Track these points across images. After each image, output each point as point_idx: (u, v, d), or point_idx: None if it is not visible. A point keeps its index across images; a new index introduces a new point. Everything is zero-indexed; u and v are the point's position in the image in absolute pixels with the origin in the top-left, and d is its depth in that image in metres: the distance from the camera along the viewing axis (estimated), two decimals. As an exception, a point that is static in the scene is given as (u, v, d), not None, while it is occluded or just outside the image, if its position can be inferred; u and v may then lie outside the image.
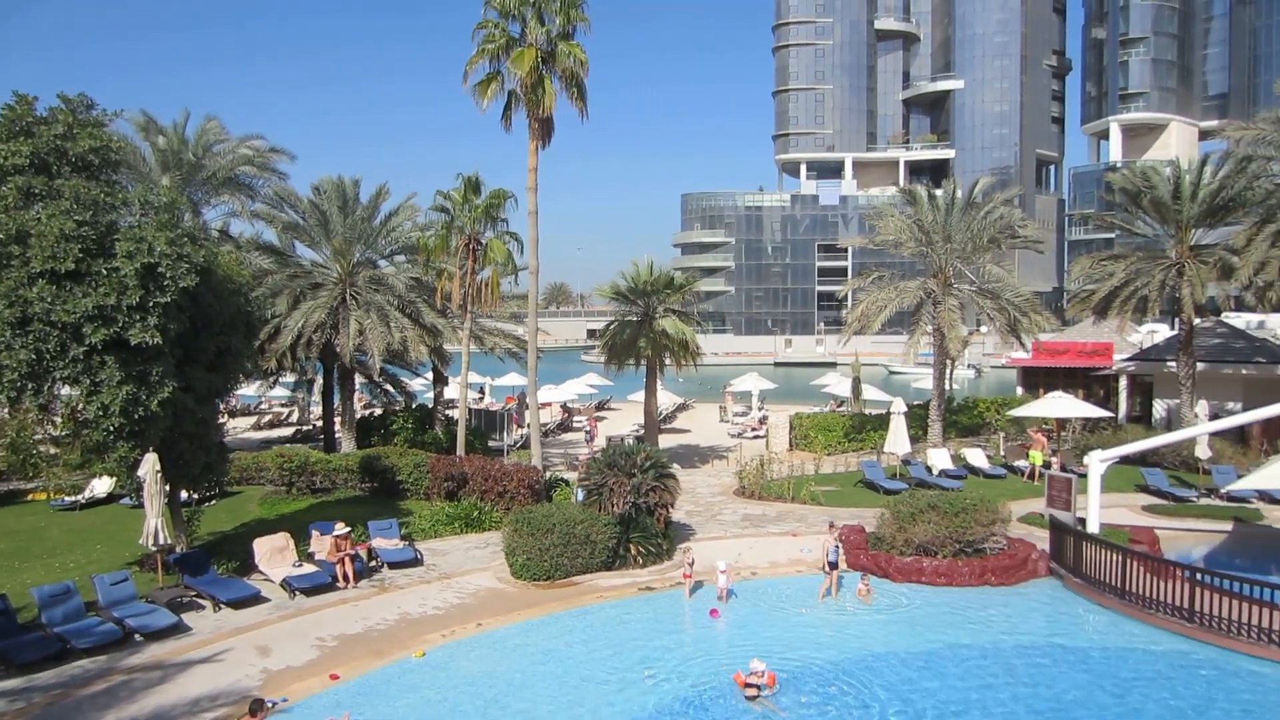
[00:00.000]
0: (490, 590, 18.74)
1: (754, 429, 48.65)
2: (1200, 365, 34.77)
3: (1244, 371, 36.19)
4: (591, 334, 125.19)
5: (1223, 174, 32.92)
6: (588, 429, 48.09)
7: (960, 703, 13.54)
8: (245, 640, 15.64)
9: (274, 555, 19.14)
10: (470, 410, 41.37)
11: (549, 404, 52.25)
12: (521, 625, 16.83)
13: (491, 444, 38.27)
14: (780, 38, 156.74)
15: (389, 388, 38.78)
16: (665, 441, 42.03)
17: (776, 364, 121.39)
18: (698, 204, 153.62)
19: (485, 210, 28.49)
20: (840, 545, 18.85)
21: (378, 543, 20.60)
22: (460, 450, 29.85)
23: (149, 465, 17.18)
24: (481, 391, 60.82)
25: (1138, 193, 34.56)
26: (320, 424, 41.70)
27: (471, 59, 26.65)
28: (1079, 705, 13.55)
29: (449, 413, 40.76)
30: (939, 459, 31.76)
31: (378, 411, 39.92)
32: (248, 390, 48.48)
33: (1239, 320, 42.37)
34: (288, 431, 47.96)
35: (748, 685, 13.42)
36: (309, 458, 28.40)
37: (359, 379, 36.48)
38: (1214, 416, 32.02)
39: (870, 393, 50.53)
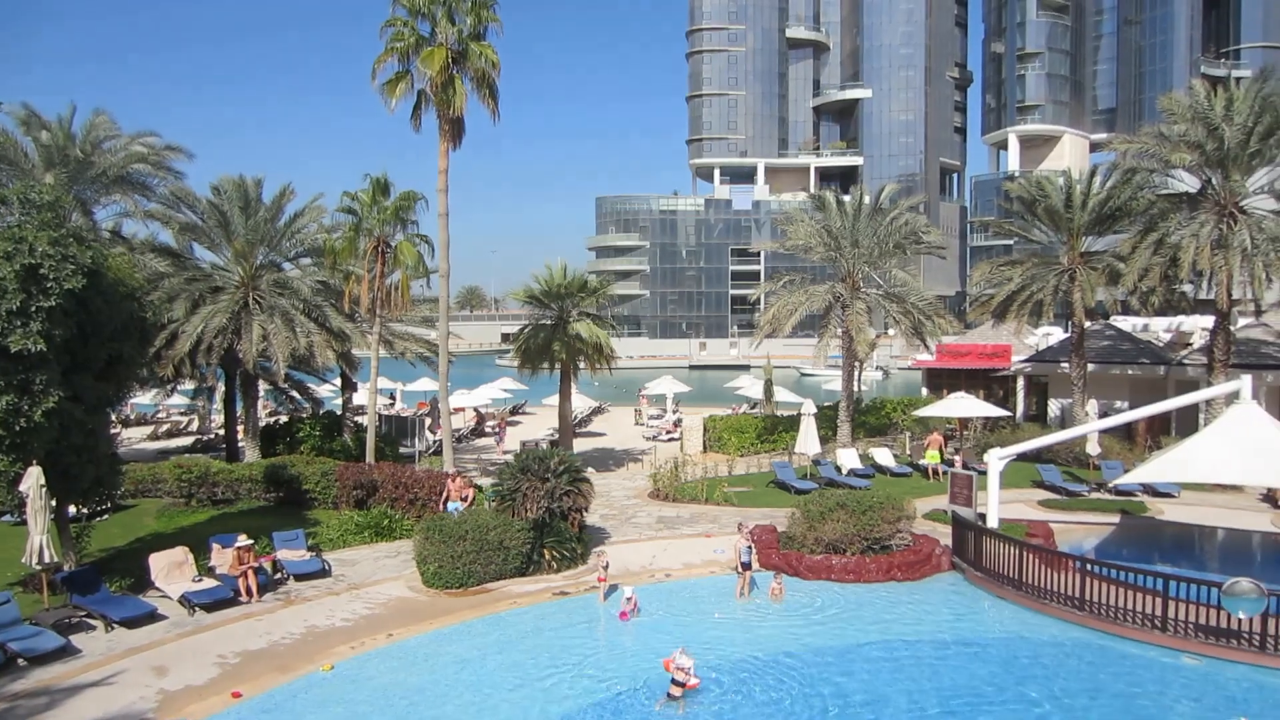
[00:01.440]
0: (401, 600, 18.37)
1: (669, 432, 48.94)
2: (1090, 366, 36.40)
3: (1130, 372, 38.07)
4: (506, 338, 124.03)
5: (1110, 184, 34.55)
6: (496, 430, 47.70)
7: (868, 695, 13.85)
8: (141, 660, 14.95)
9: (171, 570, 18.35)
10: (381, 416, 40.56)
11: (462, 409, 51.55)
12: (434, 634, 16.53)
13: (403, 450, 37.56)
14: (694, 43, 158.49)
15: (295, 394, 37.71)
16: (580, 445, 41.95)
17: (691, 367, 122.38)
18: (612, 207, 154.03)
19: (395, 212, 27.99)
20: (752, 545, 19.09)
21: (283, 554, 19.98)
22: (370, 457, 29.22)
23: (32, 480, 16.26)
24: (392, 397, 59.66)
25: (1033, 201, 36.02)
26: (222, 433, 40.27)
27: (380, 57, 26.17)
28: (980, 694, 14.02)
29: (358, 419, 39.83)
30: (848, 459, 32.50)
31: (283, 419, 38.74)
32: (143, 399, 46.61)
33: (1125, 323, 44.56)
34: (187, 441, 46.20)
35: (674, 683, 13.45)
36: (210, 468, 27.38)
37: (263, 386, 35.32)
38: (1103, 414, 33.62)
39: (782, 394, 51.45)
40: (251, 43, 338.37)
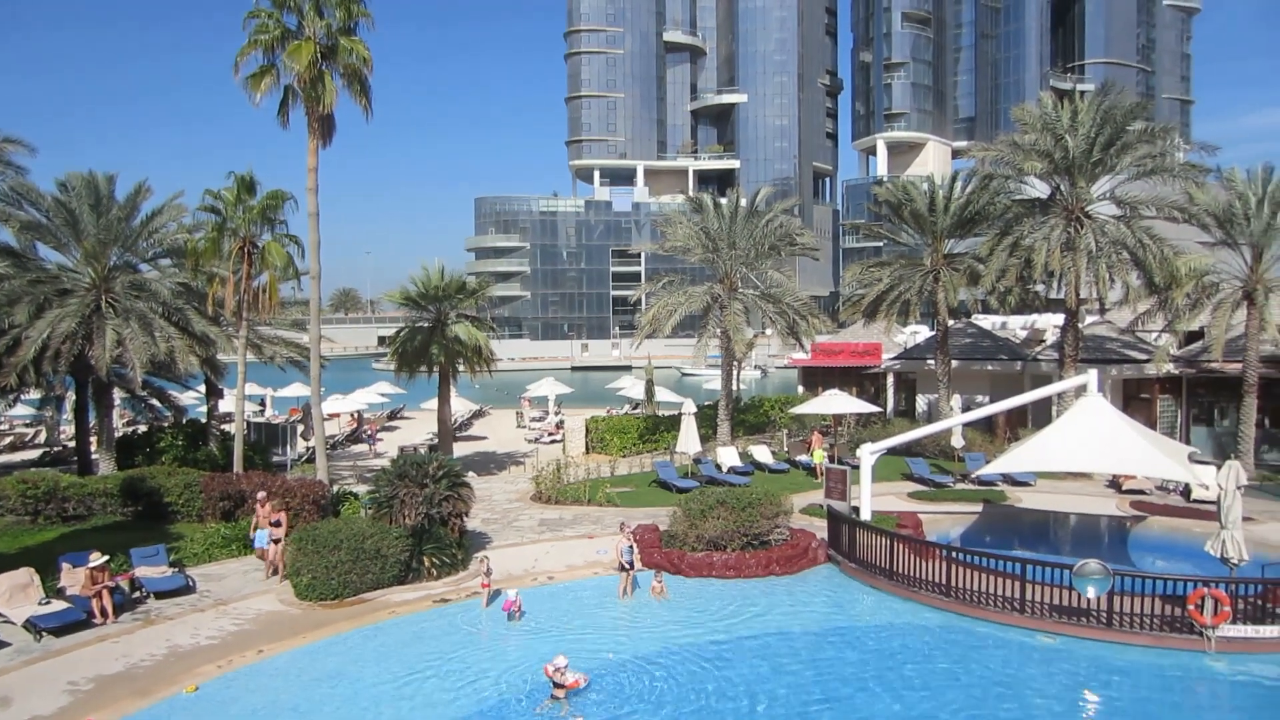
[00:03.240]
0: (272, 614, 17.63)
1: (551, 434, 48.72)
2: (954, 363, 38.22)
3: (990, 367, 40.18)
4: (382, 341, 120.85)
5: (969, 190, 36.33)
6: (368, 434, 46.76)
7: (750, 687, 14.14)
8: (-21, 692, 13.85)
9: (15, 593, 17.05)
10: (249, 424, 38.85)
11: (337, 414, 49.98)
12: (308, 649, 15.93)
13: (274, 459, 36.08)
14: (572, 44, 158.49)
15: (155, 402, 35.65)
16: (461, 449, 41.27)
17: (573, 368, 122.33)
18: (491, 208, 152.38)
19: (261, 212, 26.81)
20: (634, 545, 19.20)
21: (142, 571, 18.87)
22: (237, 467, 27.93)
23: None
24: (263, 404, 57.27)
25: (900, 205, 37.54)
26: (73, 444, 37.70)
27: (243, 49, 24.95)
28: (856, 679, 14.53)
29: (225, 427, 38.05)
30: (728, 457, 33.09)
31: (142, 429, 36.61)
32: (-17, 410, 43.16)
33: (986, 322, 46.93)
34: (35, 454, 43.03)
35: (555, 685, 13.36)
36: (59, 482, 25.54)
37: (118, 394, 33.23)
38: (966, 409, 35.33)
39: (663, 394, 52.02)
40: (107, 32, 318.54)
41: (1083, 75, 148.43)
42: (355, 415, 51.96)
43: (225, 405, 41.24)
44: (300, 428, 40.84)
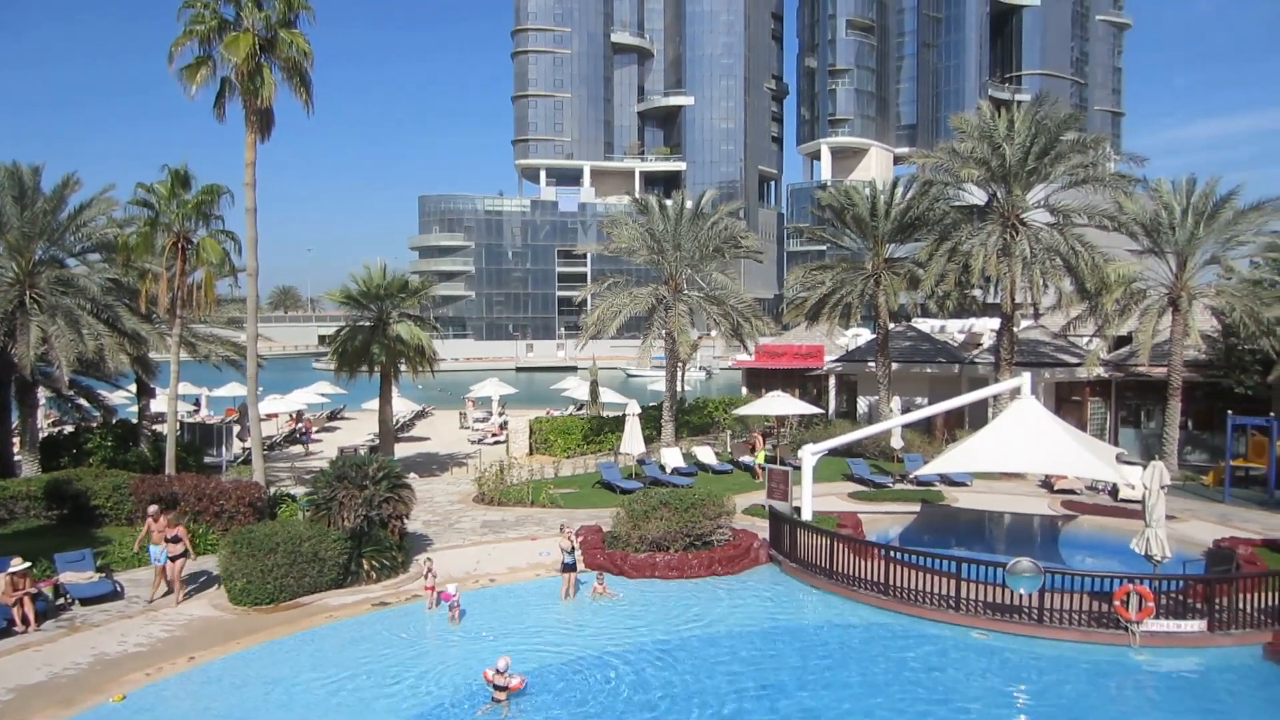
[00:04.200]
0: (205, 619, 17.20)
1: (494, 435, 48.38)
2: (894, 365, 38.87)
3: (929, 370, 40.96)
4: (323, 340, 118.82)
5: (910, 195, 36.97)
6: (303, 433, 46.20)
7: (692, 687, 14.20)
8: (-111, 704, 13.27)
9: (-70, 600, 16.38)
10: (184, 424, 37.91)
11: (275, 415, 49.00)
12: (242, 654, 15.57)
13: (208, 460, 35.22)
14: (519, 43, 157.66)
15: (82, 402, 34.49)
16: (402, 450, 40.78)
17: (518, 369, 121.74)
18: (436, 206, 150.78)
19: (196, 206, 26.12)
20: (575, 546, 19.15)
21: (67, 577, 18.25)
22: (170, 468, 27.17)
23: None
24: (197, 404, 55.88)
25: (842, 209, 38.05)
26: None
27: (178, 40, 24.29)
28: (796, 678, 14.69)
29: (157, 428, 37.01)
30: (671, 457, 33.19)
31: (69, 429, 35.43)
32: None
33: (925, 325, 47.87)
34: (-47, 455, 41.35)
35: (496, 688, 13.25)
36: (-22, 484, 24.63)
37: (43, 393, 32.09)
38: (906, 410, 35.95)
39: (608, 395, 52.01)
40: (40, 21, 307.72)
41: (1020, 86, 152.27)
42: (294, 415, 50.99)
43: (158, 405, 40.08)
44: (237, 428, 39.96)
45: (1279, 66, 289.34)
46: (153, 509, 19.19)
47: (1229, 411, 29.64)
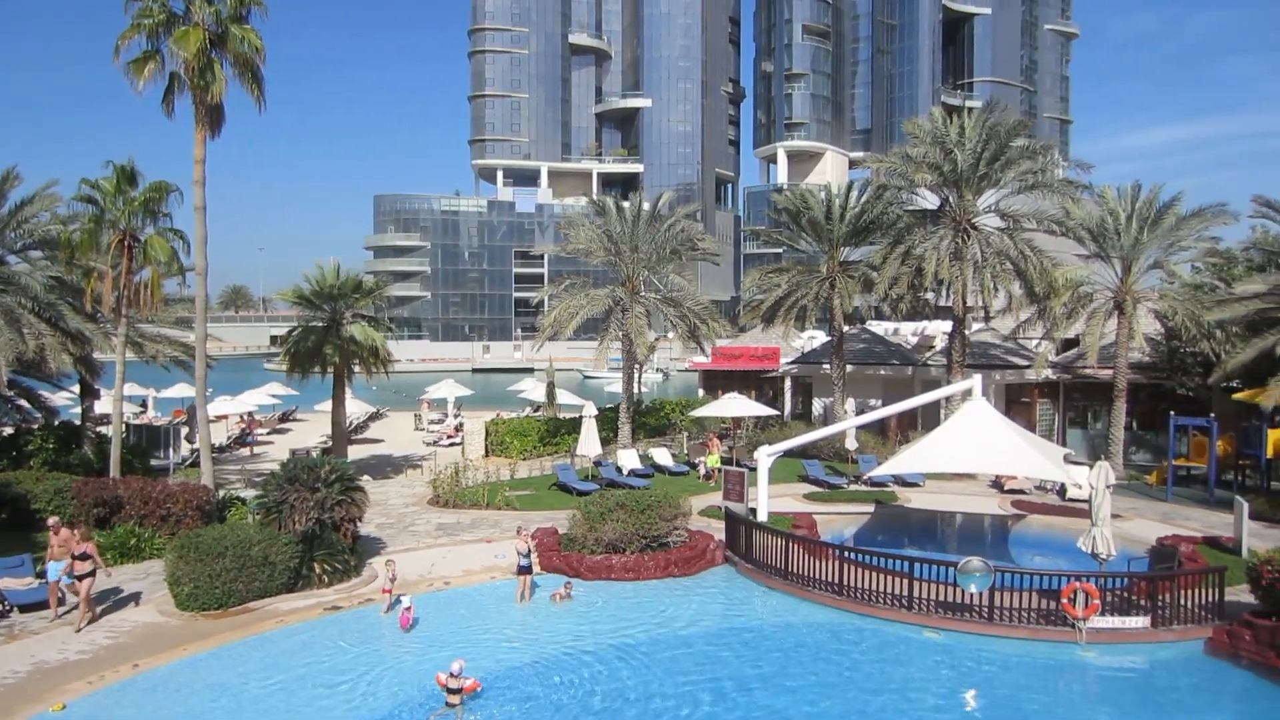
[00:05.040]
0: (150, 626, 16.80)
1: (450, 436, 47.97)
2: (849, 367, 39.28)
3: (882, 372, 41.46)
4: (275, 340, 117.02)
5: (864, 199, 37.41)
6: (248, 433, 45.69)
7: (646, 690, 14.20)
8: None
9: None
10: (130, 426, 37.04)
11: (225, 416, 48.10)
12: (188, 661, 15.23)
13: (155, 463, 34.44)
14: (476, 43, 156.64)
15: (23, 403, 33.44)
16: (356, 452, 40.26)
17: (474, 370, 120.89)
18: (391, 206, 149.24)
19: (144, 204, 25.54)
20: (531, 549, 19.05)
21: (5, 583, 17.69)
22: (114, 471, 26.51)
23: None
24: (144, 405, 54.63)
25: (798, 213, 38.37)
26: (-70, 448, 35.09)
27: (125, 33, 23.70)
28: (751, 678, 14.74)
29: (101, 429, 36.07)
30: (628, 459, 33.18)
31: (8, 431, 34.41)
32: None
33: (879, 327, 48.44)
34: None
35: (450, 691, 13.11)
36: (-89, 488, 23.80)
37: (-18, 393, 31.08)
38: (860, 412, 36.37)
39: (564, 397, 51.84)
40: None
41: (971, 92, 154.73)
42: (243, 417, 50.07)
43: (103, 406, 39.10)
44: (185, 430, 39.13)
45: (1219, 76, 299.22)
46: (53, 521, 17.97)
47: (1171, 412, 30.45)
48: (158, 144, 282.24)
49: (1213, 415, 29.75)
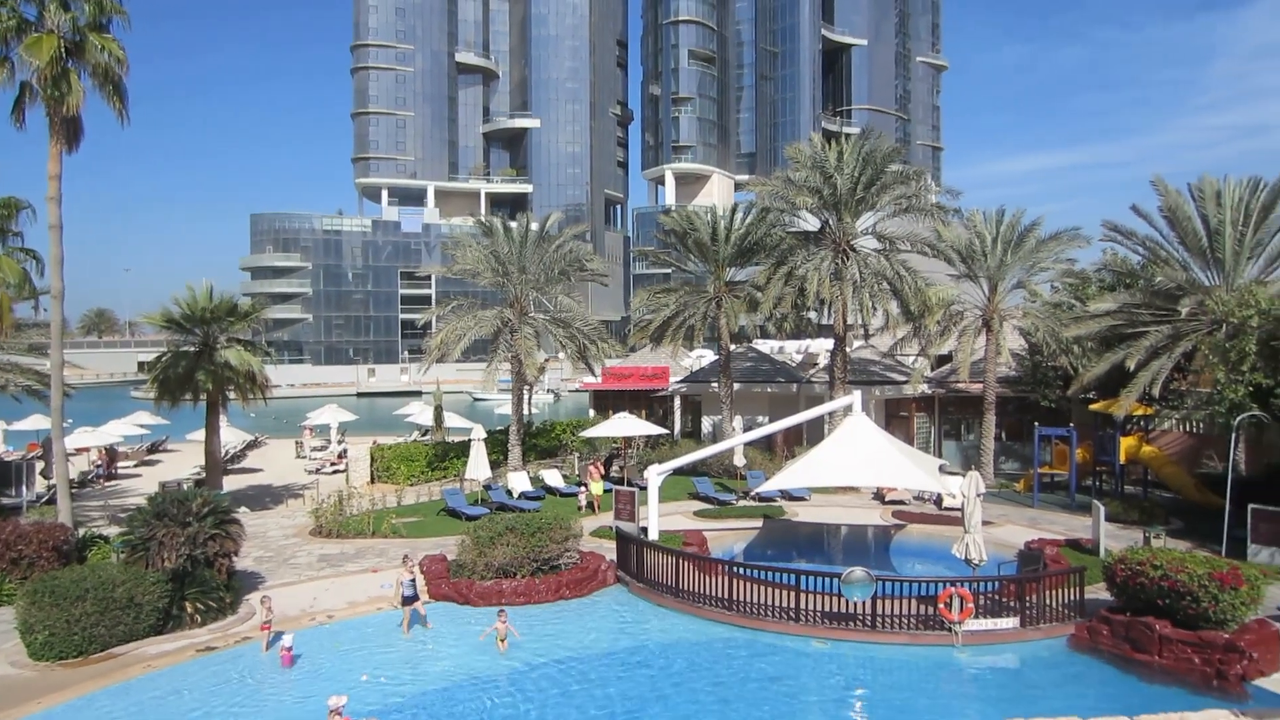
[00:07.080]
0: (0, 679, 15.58)
1: (333, 464, 46.41)
2: (736, 385, 39.98)
3: (769, 389, 42.35)
4: (142, 367, 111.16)
5: (749, 221, 38.26)
6: (99, 466, 43.43)
7: (543, 716, 14.00)
8: None
9: None
10: (-24, 461, 34.38)
11: (85, 449, 45.21)
12: (43, 715, 14.17)
13: (6, 501, 32.08)
14: (359, 59, 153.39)
15: None
16: (233, 483, 38.50)
17: (359, 394, 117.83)
18: (270, 225, 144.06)
19: (-8, 222, 23.96)
20: (416, 578, 18.58)
21: None
22: (-40, 511, 24.60)
23: None
24: (-8, 438, 50.82)
25: (685, 234, 38.94)
26: None
27: (-32, 39, 22.28)
28: (644, 697, 14.75)
29: (-54, 466, 33.42)
30: (518, 482, 32.81)
31: None
32: None
33: (765, 346, 49.44)
34: None
35: None
36: None
37: None
38: (748, 429, 37.01)
39: (453, 420, 50.89)
40: None
41: (850, 119, 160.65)
42: (102, 450, 47.12)
43: (-54, 441, 36.29)
44: (40, 465, 36.64)
45: (1073, 109, 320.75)
46: None
47: (1036, 423, 32.17)
48: (6, 157, 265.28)
49: (1072, 425, 31.54)
